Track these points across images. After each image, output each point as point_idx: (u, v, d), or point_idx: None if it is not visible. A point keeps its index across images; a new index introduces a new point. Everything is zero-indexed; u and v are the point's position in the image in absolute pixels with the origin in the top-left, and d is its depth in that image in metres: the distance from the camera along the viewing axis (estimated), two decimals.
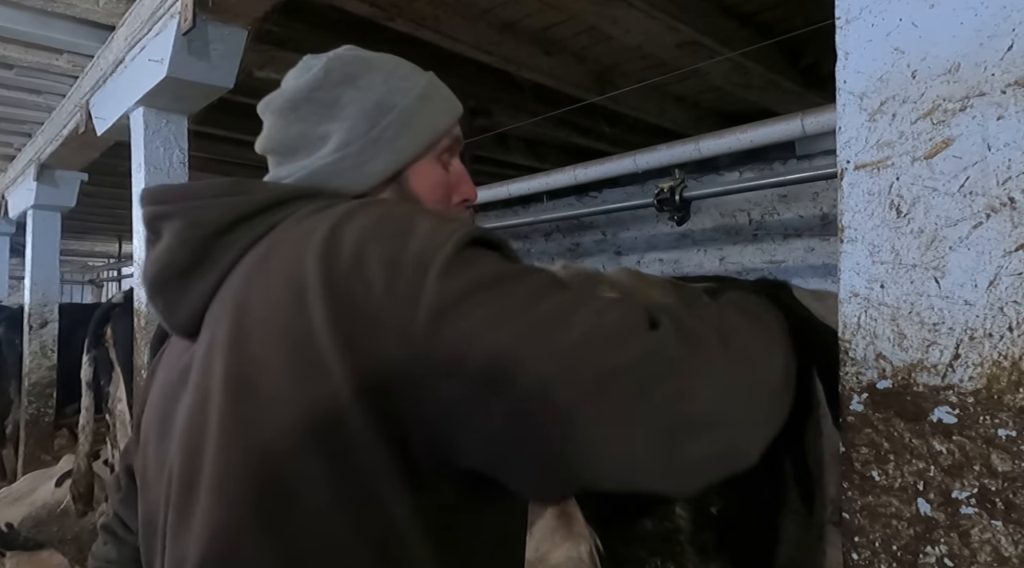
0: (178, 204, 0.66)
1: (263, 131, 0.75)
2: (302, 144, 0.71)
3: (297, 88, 0.72)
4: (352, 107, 0.71)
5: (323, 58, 0.74)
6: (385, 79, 0.73)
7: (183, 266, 0.64)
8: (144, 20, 2.24)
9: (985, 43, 0.62)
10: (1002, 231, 0.62)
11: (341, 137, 0.70)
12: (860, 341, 0.72)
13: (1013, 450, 0.61)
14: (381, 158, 0.70)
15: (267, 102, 0.75)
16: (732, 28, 3.02)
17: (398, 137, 0.71)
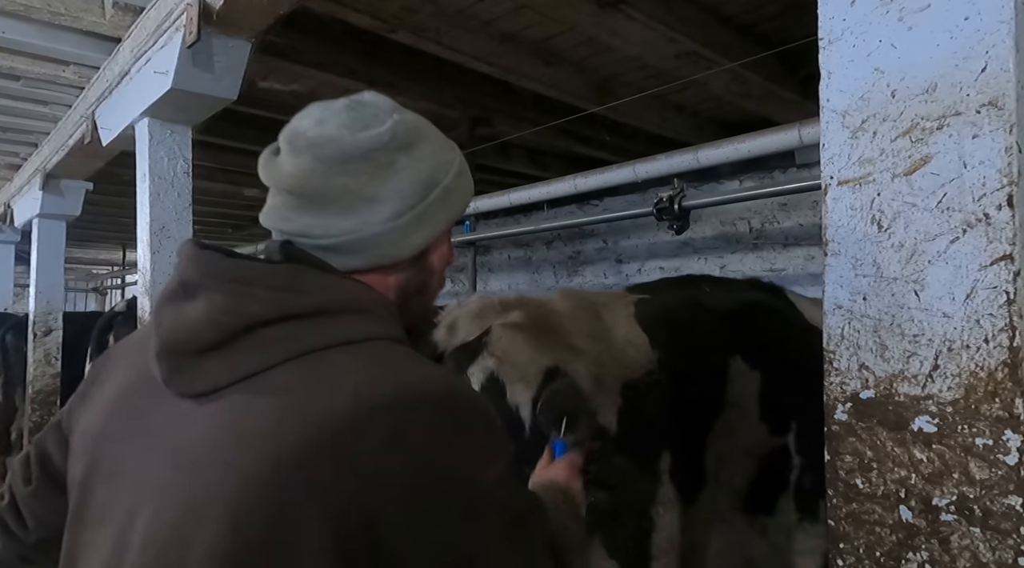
0: (220, 281, 0.63)
1: (288, 168, 0.68)
2: (342, 199, 0.67)
3: (356, 142, 0.67)
4: (406, 175, 0.69)
5: (385, 118, 0.69)
6: (434, 152, 0.72)
7: (205, 346, 0.61)
8: (150, 33, 2.28)
9: (960, 64, 0.65)
10: (978, 246, 0.64)
11: (395, 206, 0.68)
12: (844, 352, 0.74)
13: (990, 458, 0.62)
14: (423, 232, 0.71)
15: (310, 143, 0.67)
16: (731, 39, 3.05)
17: (439, 213, 0.72)
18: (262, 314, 0.61)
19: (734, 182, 4.42)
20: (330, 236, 0.67)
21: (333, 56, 3.19)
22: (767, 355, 1.04)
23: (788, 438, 1.02)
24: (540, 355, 0.96)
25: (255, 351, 0.60)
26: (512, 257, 6.06)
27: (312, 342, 0.61)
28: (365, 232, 0.67)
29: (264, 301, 0.62)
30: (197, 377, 0.61)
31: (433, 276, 0.76)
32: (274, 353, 0.60)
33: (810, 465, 1.03)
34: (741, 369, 1.02)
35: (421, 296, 0.75)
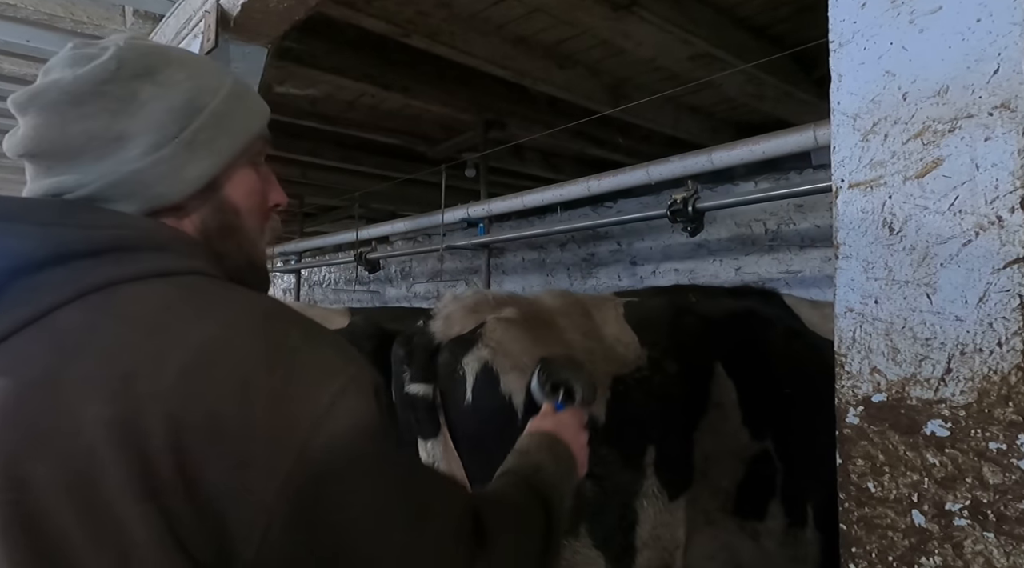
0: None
1: (21, 130, 0.61)
2: (88, 145, 0.59)
3: (79, 79, 0.59)
4: (155, 104, 0.61)
5: (107, 46, 0.62)
6: (189, 75, 0.64)
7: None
8: (168, 40, 2.32)
9: (972, 67, 0.64)
10: (991, 249, 0.63)
11: (151, 139, 0.60)
12: (855, 355, 0.73)
13: (1004, 463, 0.62)
14: (197, 162, 0.63)
15: (30, 96, 0.60)
16: (745, 40, 3.04)
17: (214, 139, 0.64)
18: (32, 253, 0.53)
19: (749, 184, 4.39)
20: (87, 184, 0.59)
21: (348, 61, 3.23)
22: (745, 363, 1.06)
23: (767, 444, 1.03)
24: (534, 346, 0.98)
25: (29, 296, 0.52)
26: (526, 259, 6.07)
27: (94, 279, 0.54)
28: (123, 171, 0.59)
29: (35, 238, 0.54)
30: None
31: (240, 215, 0.68)
32: (50, 295, 0.52)
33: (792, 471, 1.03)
34: (722, 374, 1.03)
35: (230, 239, 0.67)
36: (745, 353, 1.09)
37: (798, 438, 1.05)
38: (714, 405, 1.01)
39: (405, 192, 5.61)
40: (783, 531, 1.05)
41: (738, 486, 1.01)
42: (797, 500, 1.05)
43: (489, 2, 2.77)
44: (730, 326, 1.15)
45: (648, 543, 0.93)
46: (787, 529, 1.05)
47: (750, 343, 1.13)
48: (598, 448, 0.75)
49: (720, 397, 1.02)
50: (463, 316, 1.10)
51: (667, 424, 0.88)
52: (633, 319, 1.10)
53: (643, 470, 0.95)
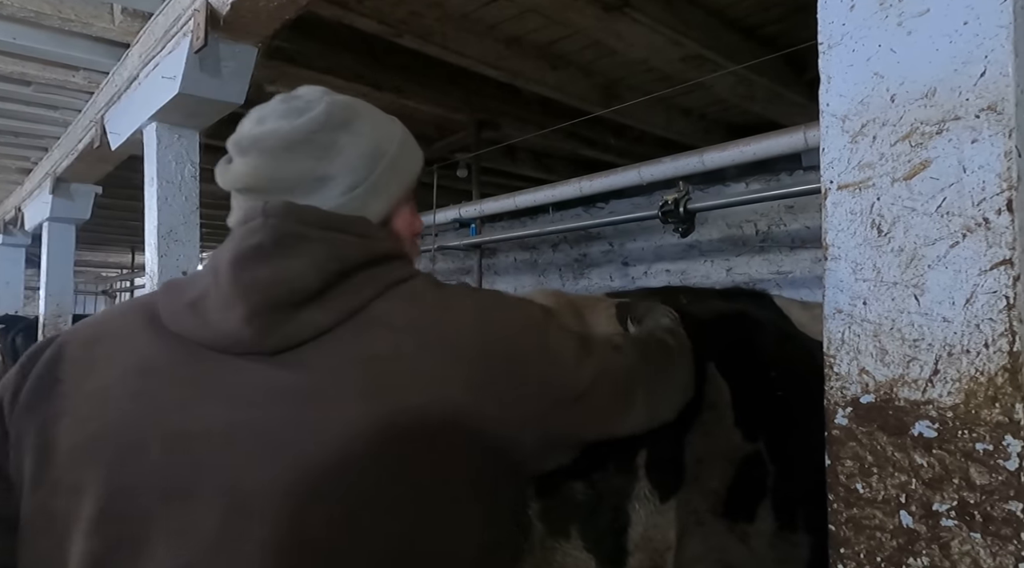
0: (320, 230, 0.68)
1: (241, 168, 0.73)
2: (297, 184, 0.71)
3: (295, 129, 0.71)
4: (350, 151, 0.73)
5: (317, 102, 0.74)
6: (374, 126, 0.77)
7: (308, 294, 0.64)
8: (158, 38, 2.30)
9: (960, 69, 0.65)
10: (978, 250, 0.63)
11: (347, 180, 0.73)
12: (844, 356, 0.74)
13: (990, 464, 0.62)
14: (380, 201, 0.76)
15: (253, 141, 0.72)
16: (736, 42, 3.05)
17: (391, 181, 0.77)
18: (356, 258, 0.68)
19: (740, 185, 4.40)
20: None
21: (340, 60, 3.22)
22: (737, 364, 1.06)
23: (759, 445, 1.03)
24: None
25: (350, 292, 0.66)
26: (518, 260, 6.07)
27: (392, 277, 0.70)
28: (327, 207, 0.72)
29: (358, 247, 0.69)
30: (299, 327, 0.64)
31: (402, 243, 0.81)
32: (366, 292, 0.67)
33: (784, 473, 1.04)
34: (715, 375, 1.03)
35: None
36: (737, 354, 1.09)
37: (789, 440, 1.05)
38: (708, 406, 1.01)
39: None
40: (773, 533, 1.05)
41: (729, 488, 1.01)
42: (788, 502, 1.05)
43: (481, 2, 2.77)
44: (721, 327, 1.15)
45: (640, 545, 0.93)
46: (777, 531, 1.05)
47: (741, 344, 1.13)
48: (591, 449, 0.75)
49: (714, 398, 1.02)
50: None
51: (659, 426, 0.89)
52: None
53: (635, 472, 0.94)
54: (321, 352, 0.64)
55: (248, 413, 0.61)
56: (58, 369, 0.69)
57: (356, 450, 0.60)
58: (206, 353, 0.65)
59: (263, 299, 0.63)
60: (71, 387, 0.67)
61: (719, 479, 1.01)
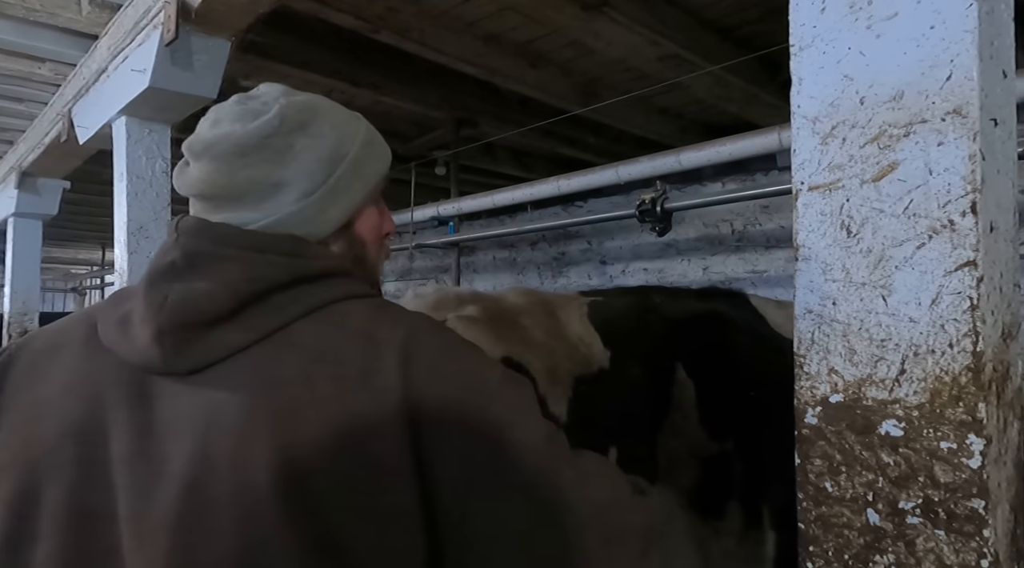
0: (235, 249, 0.65)
1: (194, 174, 0.71)
2: (250, 190, 0.69)
3: (248, 134, 0.69)
4: (306, 154, 0.71)
5: (273, 103, 0.72)
6: (333, 126, 0.74)
7: (219, 315, 0.62)
8: (127, 30, 2.25)
9: (926, 73, 0.66)
10: (943, 252, 0.64)
11: (302, 186, 0.70)
12: (814, 356, 0.74)
13: (954, 462, 0.63)
14: (339, 206, 0.73)
15: (206, 146, 0.70)
16: (713, 42, 3.07)
17: (351, 184, 0.74)
18: (277, 279, 0.65)
19: (717, 184, 4.45)
20: (249, 223, 0.69)
21: (317, 56, 3.17)
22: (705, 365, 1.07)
23: (728, 445, 1.05)
24: (495, 346, 0.97)
25: (270, 313, 0.63)
26: (497, 258, 6.06)
27: (321, 298, 0.66)
28: (280, 214, 0.70)
29: (279, 267, 0.66)
30: (211, 347, 0.62)
31: (366, 247, 0.79)
32: (287, 312, 0.64)
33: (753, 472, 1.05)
34: (682, 375, 1.04)
35: (359, 268, 0.77)
36: (707, 354, 1.10)
37: (760, 439, 1.06)
38: (676, 407, 1.02)
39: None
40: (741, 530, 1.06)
41: (697, 485, 1.02)
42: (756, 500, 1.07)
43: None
44: (693, 327, 1.16)
45: None
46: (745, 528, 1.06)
47: (712, 344, 1.14)
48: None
49: (682, 398, 1.03)
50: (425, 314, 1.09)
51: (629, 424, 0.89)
52: (596, 319, 1.10)
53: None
54: (230, 373, 0.61)
55: (156, 441, 0.60)
56: (5, 377, 0.68)
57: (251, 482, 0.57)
58: (133, 372, 0.63)
59: (170, 318, 0.61)
60: (10, 398, 0.67)
61: (688, 477, 1.02)
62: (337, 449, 0.58)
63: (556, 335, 1.08)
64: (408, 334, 0.64)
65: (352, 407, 0.59)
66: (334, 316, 0.65)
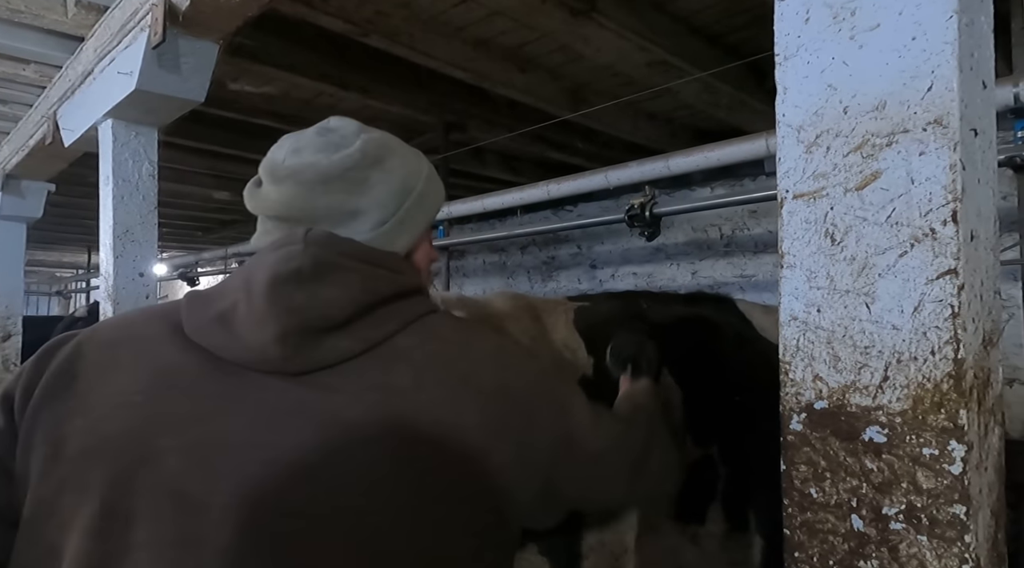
0: (356, 262, 0.71)
1: (275, 196, 0.76)
2: (327, 216, 0.75)
3: (332, 165, 0.75)
4: (381, 188, 0.77)
5: (353, 138, 0.78)
6: (403, 162, 0.81)
7: (337, 322, 0.67)
8: (114, 32, 2.23)
9: (908, 83, 0.66)
10: (925, 260, 0.65)
11: (376, 216, 0.77)
12: (799, 363, 0.75)
13: (936, 468, 0.64)
14: (405, 236, 0.80)
15: (290, 172, 0.75)
16: (701, 48, 3.10)
17: (416, 217, 0.81)
18: (385, 293, 0.71)
19: (705, 189, 4.48)
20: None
21: (305, 59, 3.17)
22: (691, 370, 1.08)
23: (712, 450, 1.05)
24: None
25: (376, 324, 0.69)
26: (487, 262, 6.06)
27: (414, 312, 0.73)
28: (355, 240, 0.75)
29: (388, 281, 0.72)
30: (324, 352, 0.66)
31: (421, 273, 0.85)
32: (390, 324, 0.70)
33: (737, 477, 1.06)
34: (668, 380, 1.05)
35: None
36: (692, 360, 1.11)
37: (744, 444, 1.07)
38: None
39: None
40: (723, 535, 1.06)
41: (680, 491, 1.03)
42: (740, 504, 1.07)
43: (449, 4, 2.76)
44: (679, 332, 1.17)
45: (595, 548, 0.93)
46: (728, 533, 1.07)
47: (698, 350, 1.15)
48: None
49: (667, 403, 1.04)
50: None
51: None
52: (581, 325, 1.10)
53: None
54: (343, 378, 0.66)
55: (267, 431, 0.63)
56: (75, 367, 0.69)
57: (369, 474, 0.62)
58: (230, 367, 0.66)
59: (296, 322, 0.66)
60: (88, 386, 0.68)
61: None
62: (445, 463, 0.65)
63: (541, 340, 1.08)
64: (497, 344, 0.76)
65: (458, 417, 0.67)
66: (427, 328, 0.73)
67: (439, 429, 0.65)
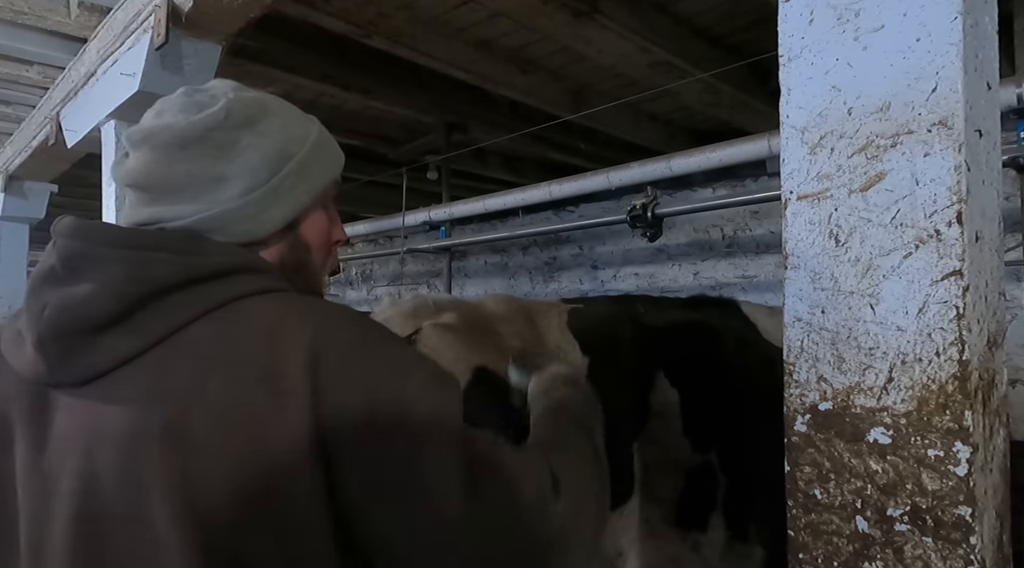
0: (117, 249, 0.61)
1: (130, 163, 0.68)
2: (190, 184, 0.66)
3: (190, 125, 0.66)
4: (252, 152, 0.68)
5: (220, 97, 0.69)
6: (283, 126, 0.72)
7: (105, 321, 0.58)
8: (117, 34, 2.24)
9: (912, 84, 0.66)
10: (929, 261, 0.65)
11: (245, 183, 0.68)
12: (803, 364, 0.75)
13: (941, 469, 0.64)
14: (281, 206, 0.71)
15: (145, 135, 0.67)
16: (703, 49, 3.09)
17: (296, 185, 0.71)
18: (168, 278, 0.60)
19: (707, 190, 4.47)
20: (183, 217, 0.66)
21: (307, 60, 3.17)
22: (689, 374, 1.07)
23: (711, 456, 1.05)
24: (470, 354, 0.97)
25: (161, 316, 0.59)
26: (488, 263, 6.06)
27: (221, 296, 0.61)
28: (217, 210, 0.67)
29: (170, 265, 0.61)
30: (98, 356, 0.58)
31: (311, 252, 0.76)
32: (181, 314, 0.59)
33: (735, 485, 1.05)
34: (664, 384, 1.04)
35: (301, 272, 0.75)
36: (691, 364, 1.10)
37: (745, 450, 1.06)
38: (654, 415, 1.02)
39: (366, 194, 5.53)
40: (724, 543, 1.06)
41: (680, 497, 1.02)
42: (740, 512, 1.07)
43: (451, 5, 2.76)
44: (675, 336, 1.16)
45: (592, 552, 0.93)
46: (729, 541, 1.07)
47: (696, 354, 1.14)
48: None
49: (660, 407, 1.03)
50: (401, 321, 1.07)
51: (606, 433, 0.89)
52: (575, 327, 1.10)
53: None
54: (120, 385, 0.58)
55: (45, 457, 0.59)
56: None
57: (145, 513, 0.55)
58: (30, 386, 0.61)
59: (49, 326, 0.58)
60: None
61: (671, 488, 1.02)
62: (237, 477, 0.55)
63: (534, 343, 1.07)
64: (317, 332, 0.59)
65: (252, 424, 0.55)
66: (233, 314, 0.61)
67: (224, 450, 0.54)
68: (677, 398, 1.05)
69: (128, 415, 0.57)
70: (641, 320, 1.09)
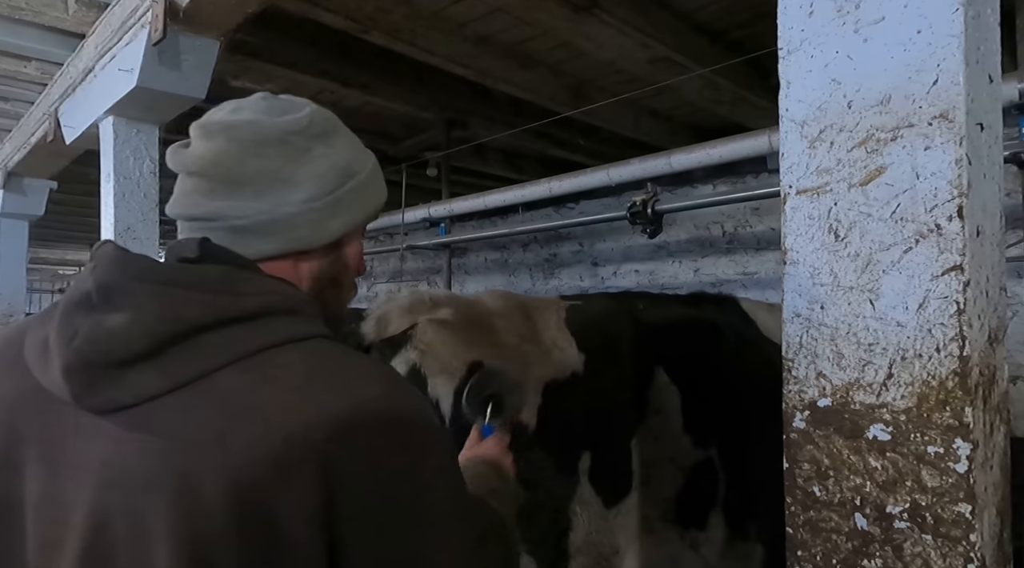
0: (149, 284, 0.59)
1: (199, 151, 0.68)
2: (257, 181, 0.67)
3: (274, 125, 0.68)
4: (323, 162, 0.70)
5: (303, 106, 0.72)
6: (350, 145, 0.75)
7: (131, 357, 0.57)
8: (114, 29, 2.23)
9: (913, 77, 0.66)
10: (930, 256, 0.64)
11: (311, 190, 0.69)
12: (802, 360, 0.74)
13: (941, 466, 0.63)
14: (340, 219, 0.72)
15: (224, 126, 0.68)
16: (703, 45, 3.08)
17: (354, 202, 0.73)
18: (201, 319, 0.58)
19: (707, 186, 4.46)
20: (244, 216, 0.67)
21: (306, 56, 3.16)
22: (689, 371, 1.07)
23: (711, 453, 1.04)
24: (465, 350, 0.96)
25: (191, 358, 0.57)
26: (488, 259, 6.06)
27: (256, 343, 0.59)
28: (280, 212, 0.67)
29: (203, 305, 0.59)
30: (122, 390, 0.57)
31: (347, 271, 0.77)
32: (212, 358, 0.58)
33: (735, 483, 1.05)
34: (664, 381, 1.04)
35: (335, 289, 0.76)
36: (691, 361, 1.10)
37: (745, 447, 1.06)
38: (654, 412, 1.01)
39: None
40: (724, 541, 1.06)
41: (679, 494, 1.02)
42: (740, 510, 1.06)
43: (450, 0, 2.75)
44: (674, 332, 1.16)
45: (582, 549, 0.93)
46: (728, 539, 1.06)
47: (696, 351, 1.14)
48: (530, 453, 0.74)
49: (661, 404, 1.03)
50: (398, 317, 1.07)
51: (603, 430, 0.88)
52: (573, 323, 1.09)
53: (577, 476, 0.94)
54: (142, 422, 0.57)
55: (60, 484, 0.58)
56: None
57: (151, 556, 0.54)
58: (52, 400, 0.60)
59: (77, 355, 0.57)
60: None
61: (670, 486, 1.02)
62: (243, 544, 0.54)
63: (531, 339, 1.07)
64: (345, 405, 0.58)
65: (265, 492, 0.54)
66: (264, 367, 0.59)
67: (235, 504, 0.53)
68: (677, 394, 1.05)
69: (145, 459, 0.56)
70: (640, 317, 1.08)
